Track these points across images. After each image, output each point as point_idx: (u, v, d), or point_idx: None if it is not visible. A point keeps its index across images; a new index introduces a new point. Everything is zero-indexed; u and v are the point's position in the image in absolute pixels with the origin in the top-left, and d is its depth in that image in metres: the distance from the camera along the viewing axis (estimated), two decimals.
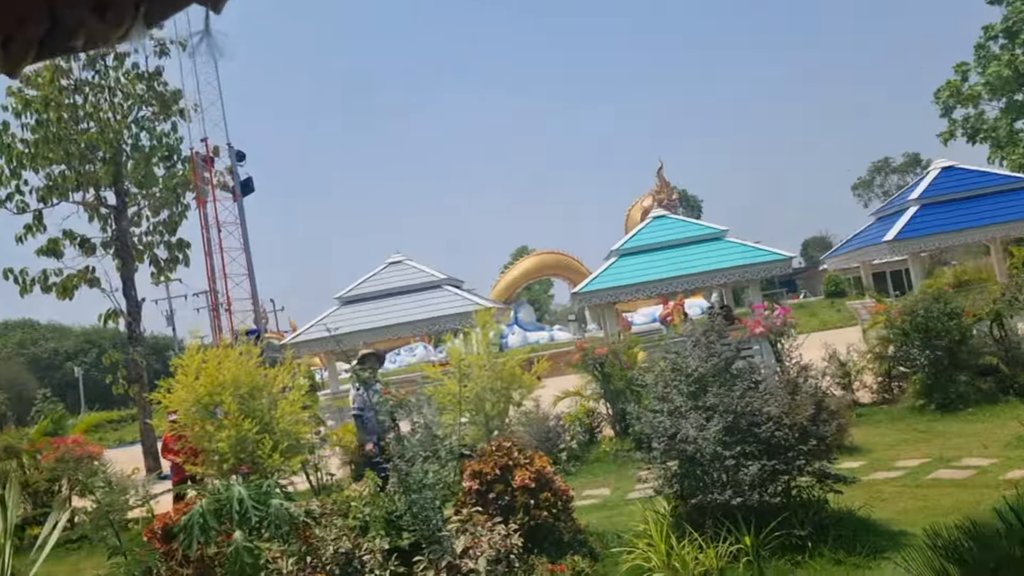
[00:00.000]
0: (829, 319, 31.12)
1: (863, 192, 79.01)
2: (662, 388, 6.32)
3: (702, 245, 13.24)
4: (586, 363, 11.50)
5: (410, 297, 14.15)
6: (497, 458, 6.24)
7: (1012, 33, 31.85)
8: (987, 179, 14.07)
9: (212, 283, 19.74)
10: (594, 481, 9.62)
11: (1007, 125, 33.07)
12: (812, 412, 5.71)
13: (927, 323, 10.65)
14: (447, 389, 6.97)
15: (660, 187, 43.64)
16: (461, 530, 5.78)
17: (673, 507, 6.15)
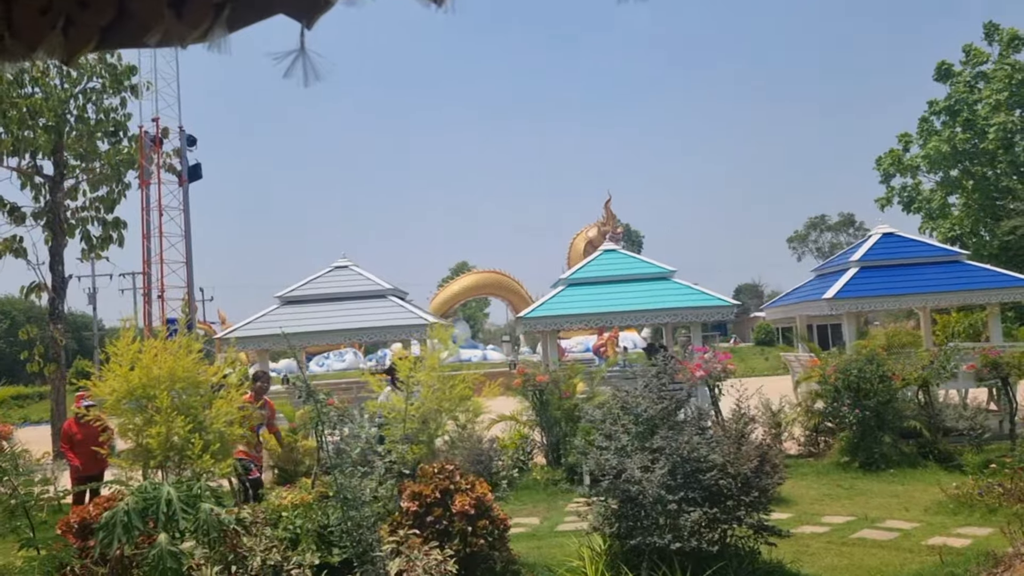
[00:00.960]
0: (757, 366, 31.86)
1: (798, 245, 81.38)
2: (610, 425, 6.32)
3: (650, 283, 13.39)
4: (526, 389, 11.48)
5: (354, 304, 13.92)
6: (438, 481, 6.14)
7: (954, 112, 33.36)
8: (923, 249, 14.62)
9: (147, 267, 19.10)
10: (523, 509, 9.56)
11: (941, 198, 34.54)
12: (756, 464, 5.78)
13: (859, 383, 10.96)
14: (391, 404, 6.84)
15: (606, 219, 44.20)
16: (396, 552, 5.65)
17: (609, 546, 6.13)
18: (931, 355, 12.07)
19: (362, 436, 6.45)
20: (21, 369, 20.77)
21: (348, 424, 6.60)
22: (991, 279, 13.62)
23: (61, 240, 17.39)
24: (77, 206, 18.04)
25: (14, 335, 34.54)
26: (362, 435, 6.44)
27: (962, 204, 34.85)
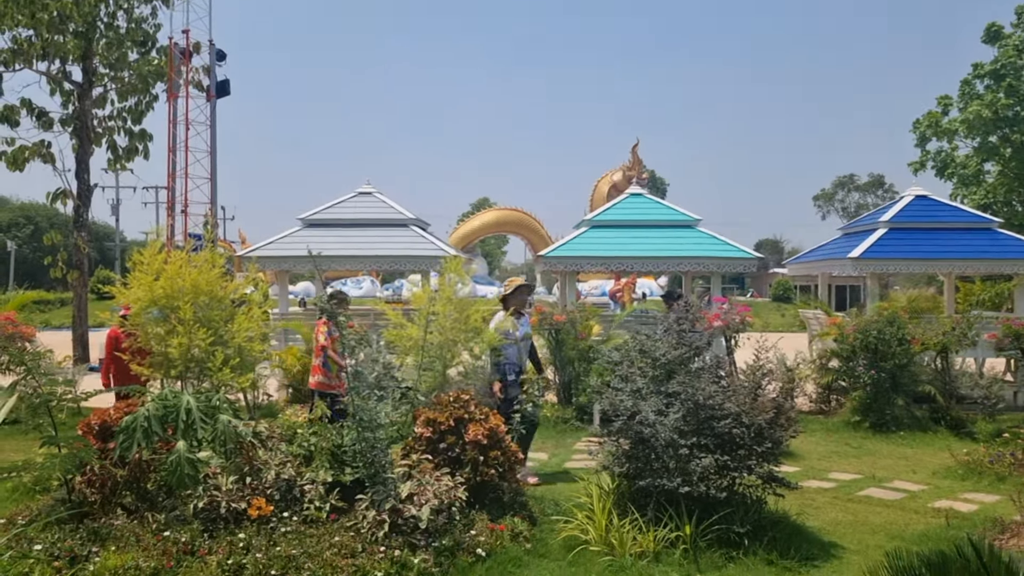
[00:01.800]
0: (772, 321, 31.77)
1: (823, 204, 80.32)
2: (627, 367, 6.32)
3: (674, 230, 13.27)
4: (542, 327, 11.50)
5: (376, 231, 13.91)
6: (453, 409, 6.19)
7: (999, 76, 32.39)
8: (955, 214, 14.35)
9: (171, 181, 19.10)
10: (533, 444, 9.65)
11: (976, 165, 33.80)
12: (772, 416, 5.77)
13: (877, 344, 10.89)
14: (408, 333, 6.87)
15: (633, 163, 43.66)
16: (407, 475, 5.74)
17: (617, 485, 6.19)
18: (953, 321, 11.94)
19: (379, 360, 6.49)
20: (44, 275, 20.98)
21: (366, 348, 6.64)
22: (1022, 249, 13.38)
23: (88, 148, 17.36)
24: (104, 115, 17.95)
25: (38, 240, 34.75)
26: (379, 359, 6.48)
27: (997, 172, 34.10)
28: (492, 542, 5.51)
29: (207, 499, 5.47)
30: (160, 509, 5.61)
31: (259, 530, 5.32)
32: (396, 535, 5.28)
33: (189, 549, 5.14)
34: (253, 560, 4.99)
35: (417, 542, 5.26)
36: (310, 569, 4.96)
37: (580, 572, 5.38)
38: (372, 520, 5.34)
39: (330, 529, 5.38)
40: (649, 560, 5.44)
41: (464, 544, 5.38)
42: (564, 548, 5.70)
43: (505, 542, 5.58)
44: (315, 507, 5.55)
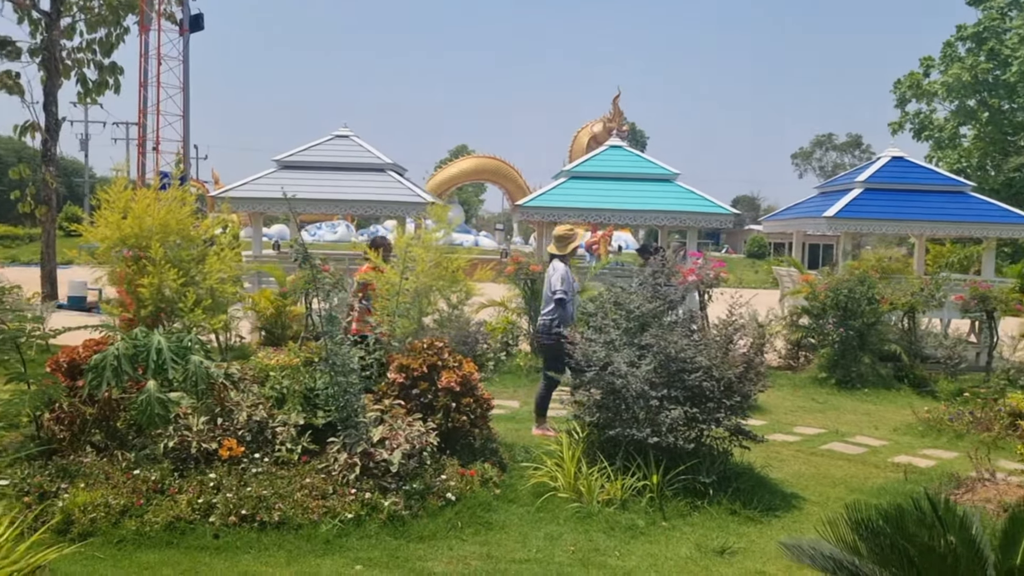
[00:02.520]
0: (746, 277, 32.07)
1: (801, 162, 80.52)
2: (601, 319, 6.36)
3: (653, 184, 13.25)
4: (518, 277, 11.51)
5: (352, 175, 13.73)
6: (427, 356, 6.20)
7: (981, 39, 32.38)
8: (930, 177, 14.47)
9: (142, 118, 18.66)
10: (505, 392, 9.76)
11: (952, 128, 33.98)
12: (742, 370, 5.86)
13: (847, 303, 11.04)
14: (386, 278, 6.83)
15: (613, 115, 43.34)
16: (380, 420, 5.76)
17: (587, 434, 6.27)
18: (922, 282, 12.13)
19: (355, 306, 6.48)
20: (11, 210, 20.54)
21: (340, 292, 6.61)
22: (993, 213, 13.55)
23: (56, 80, 16.88)
24: (74, 46, 17.42)
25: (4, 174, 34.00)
26: (355, 304, 6.47)
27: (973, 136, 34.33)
28: (462, 487, 5.58)
29: (177, 439, 5.47)
30: (130, 448, 5.60)
31: (230, 471, 5.34)
32: (367, 478, 5.33)
33: (159, 488, 5.15)
34: (223, 499, 5.02)
35: (388, 485, 5.32)
36: (280, 509, 5.01)
37: (548, 518, 5.48)
38: (343, 463, 5.38)
39: (301, 471, 5.42)
40: (616, 507, 5.55)
41: (434, 488, 5.45)
42: (533, 494, 5.80)
43: (475, 487, 5.66)
44: (287, 449, 5.58)
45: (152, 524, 4.87)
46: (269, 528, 4.95)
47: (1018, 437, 6.37)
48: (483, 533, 5.21)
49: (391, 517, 5.14)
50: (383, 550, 4.86)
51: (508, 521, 5.40)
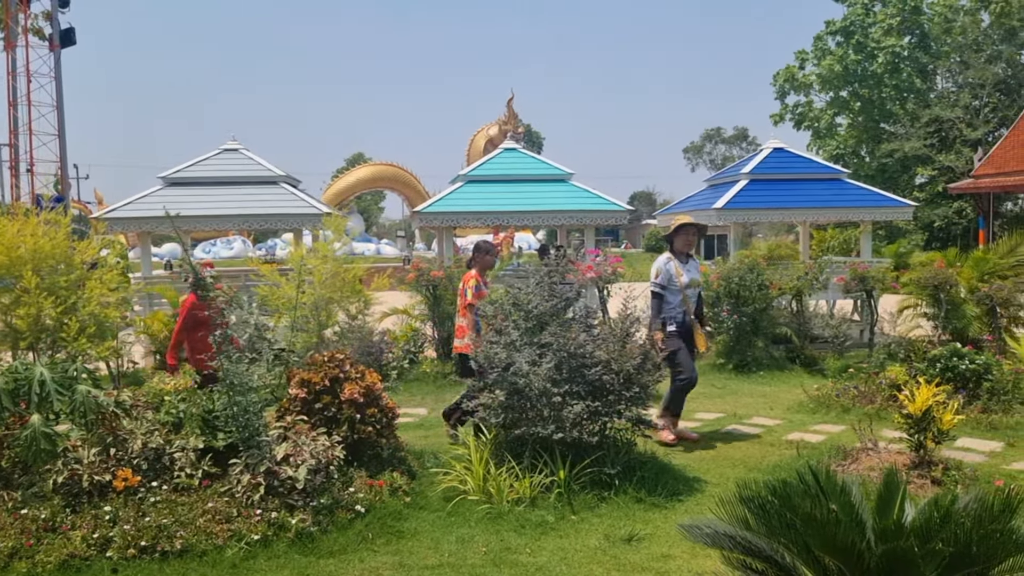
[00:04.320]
0: (645, 271, 32.80)
1: (693, 156, 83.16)
2: (501, 320, 6.43)
3: (548, 184, 13.45)
4: (419, 284, 11.48)
5: (244, 189, 13.39)
6: (328, 369, 6.13)
7: (849, 33, 34.24)
8: (809, 166, 15.20)
9: (14, 138, 17.67)
10: (412, 400, 9.73)
11: (829, 118, 35.80)
12: (639, 361, 6.03)
13: (739, 290, 11.48)
14: (282, 292, 6.71)
15: (508, 117, 43.71)
16: (283, 437, 5.67)
17: (494, 435, 6.33)
18: (807, 267, 12.73)
19: (251, 322, 6.34)
20: None
21: (236, 310, 6.46)
22: (867, 198, 14.35)
23: None
24: None
25: None
26: (251, 321, 6.33)
27: (848, 125, 36.24)
28: (371, 498, 5.55)
29: (68, 473, 5.23)
30: (16, 487, 5.32)
31: (126, 502, 5.14)
32: (273, 497, 5.24)
33: (50, 526, 4.92)
34: (121, 532, 4.84)
35: (295, 502, 5.24)
36: (182, 537, 4.87)
37: (459, 521, 5.51)
38: (247, 484, 5.26)
39: (203, 496, 5.27)
40: (526, 505, 5.63)
41: (343, 502, 5.40)
42: (443, 499, 5.81)
43: (384, 497, 5.63)
44: (186, 474, 5.41)
45: (44, 564, 4.65)
46: (171, 557, 4.79)
47: (897, 407, 6.78)
48: (395, 542, 5.19)
49: (300, 535, 5.07)
50: (292, 569, 4.78)
51: (420, 528, 5.41)
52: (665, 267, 7.37)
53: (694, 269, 7.61)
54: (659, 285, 7.36)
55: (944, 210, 34.13)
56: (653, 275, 7.40)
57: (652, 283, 7.40)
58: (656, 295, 7.30)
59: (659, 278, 7.36)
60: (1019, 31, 34.87)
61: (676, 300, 7.37)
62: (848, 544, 2.85)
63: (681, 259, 7.49)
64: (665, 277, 7.35)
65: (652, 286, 7.39)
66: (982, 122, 33.96)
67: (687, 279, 7.43)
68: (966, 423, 7.25)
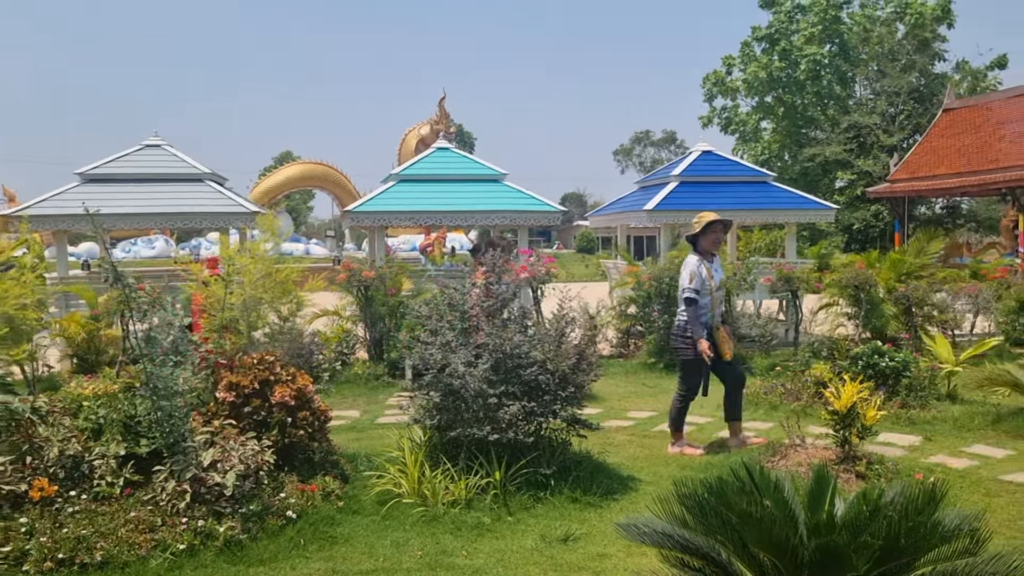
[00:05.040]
0: (577, 272, 33.16)
1: (623, 158, 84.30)
2: (436, 321, 6.37)
3: (481, 184, 13.41)
4: (351, 284, 11.31)
5: (167, 186, 12.97)
6: (258, 371, 5.97)
7: (773, 40, 35.20)
8: (736, 169, 15.56)
9: None
10: (344, 402, 9.57)
11: (755, 122, 36.72)
12: (575, 361, 6.05)
13: (670, 290, 11.65)
14: (210, 292, 6.51)
15: (440, 117, 43.49)
16: (210, 442, 5.49)
17: (429, 437, 6.27)
18: (734, 267, 13.01)
19: (175, 324, 6.12)
20: None
21: (160, 312, 6.24)
22: (792, 201, 14.76)
23: None
24: None
25: None
26: (176, 323, 6.11)
27: (772, 129, 37.25)
28: (303, 503, 5.42)
29: None
30: None
31: (43, 512, 4.90)
32: (199, 504, 5.06)
33: None
34: (37, 545, 4.61)
35: (223, 510, 5.07)
36: (103, 548, 4.66)
37: (394, 525, 5.43)
38: (172, 491, 5.08)
39: (125, 505, 5.07)
40: (461, 507, 5.58)
41: (273, 508, 5.26)
42: (377, 503, 5.72)
43: (317, 502, 5.51)
44: (107, 483, 5.19)
45: None
46: (91, 570, 4.59)
47: (823, 404, 6.98)
48: (328, 548, 5.08)
49: (228, 543, 4.91)
50: None
51: (353, 533, 5.30)
52: (698, 269, 6.88)
53: (720, 269, 7.29)
54: (694, 290, 6.84)
55: (863, 213, 35.40)
56: (686, 280, 6.87)
57: (686, 288, 6.86)
58: (692, 301, 6.82)
59: (693, 282, 6.84)
60: (931, 42, 36.44)
61: (706, 304, 6.96)
62: (783, 540, 2.89)
63: (707, 259, 7.08)
64: (699, 281, 6.87)
65: (687, 292, 6.85)
66: (898, 129, 35.35)
67: (717, 281, 7.09)
68: (887, 418, 7.51)
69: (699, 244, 7.12)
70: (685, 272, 6.94)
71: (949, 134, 24.92)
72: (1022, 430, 7.56)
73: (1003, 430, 7.65)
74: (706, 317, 6.98)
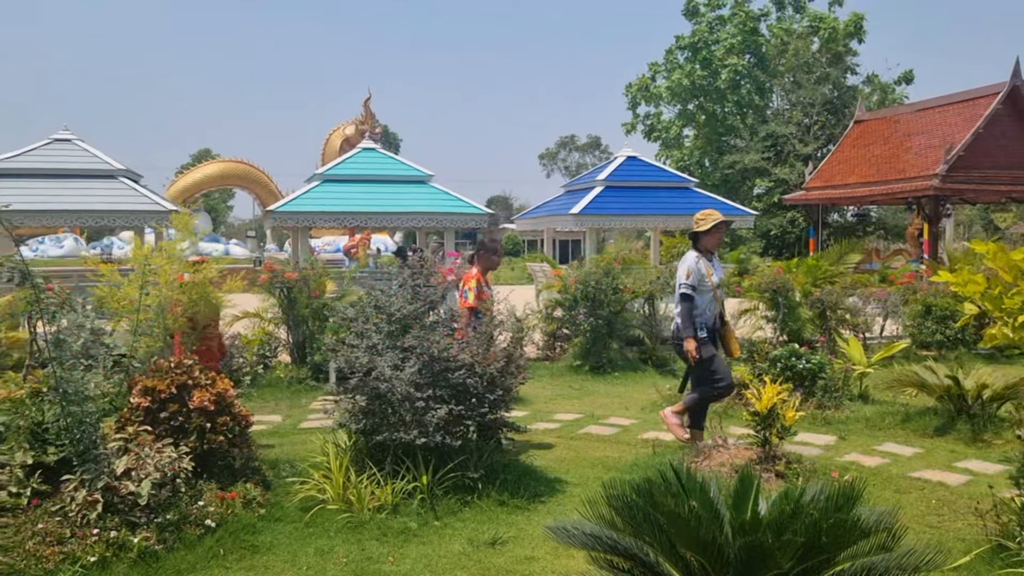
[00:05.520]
0: (503, 275, 33.17)
1: (548, 162, 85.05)
2: (362, 324, 6.27)
3: (408, 186, 13.31)
4: (273, 286, 11.06)
5: (77, 183, 12.45)
6: (175, 375, 5.76)
7: (696, 49, 36.05)
8: (660, 174, 15.89)
9: None
10: (266, 407, 9.34)
11: (677, 129, 37.51)
12: (503, 364, 6.03)
13: (595, 294, 11.78)
14: (123, 293, 6.25)
15: (365, 117, 43.00)
16: (123, 449, 5.27)
17: (354, 442, 6.16)
18: (657, 271, 13.24)
19: (86, 326, 5.86)
20: None
21: (70, 313, 5.96)
22: (712, 206, 15.09)
23: None
24: None
25: None
26: (87, 325, 5.85)
27: (694, 136, 38.12)
28: (223, 511, 5.25)
29: None
30: None
31: None
32: (112, 515, 4.85)
33: None
34: None
35: (137, 520, 4.87)
36: (8, 563, 4.42)
37: (318, 532, 5.31)
38: (82, 501, 4.85)
39: (32, 516, 4.81)
40: (388, 512, 5.50)
41: (191, 517, 5.07)
42: (301, 510, 5.59)
43: (237, 510, 5.35)
44: (10, 493, 4.92)
45: None
46: None
47: (743, 405, 7.15)
48: (248, 557, 4.93)
49: (143, 554, 4.72)
50: None
51: (275, 541, 5.17)
52: (696, 266, 6.76)
53: (720, 268, 7.18)
54: (690, 286, 6.73)
55: (779, 219, 36.56)
56: (683, 276, 6.79)
57: (683, 284, 6.78)
58: (687, 297, 6.72)
59: (691, 278, 6.73)
60: (844, 56, 37.90)
61: (705, 302, 6.83)
62: (710, 539, 2.94)
63: (707, 257, 6.96)
64: (696, 277, 6.74)
65: (683, 288, 6.77)
66: (812, 138, 36.64)
67: (717, 278, 6.95)
68: (804, 419, 7.73)
69: (700, 241, 6.98)
70: (682, 268, 6.82)
71: (860, 144, 25.94)
72: (929, 429, 7.90)
73: (911, 429, 7.98)
74: (707, 315, 6.87)
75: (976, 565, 4.62)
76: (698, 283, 6.77)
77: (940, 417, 8.03)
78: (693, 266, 6.78)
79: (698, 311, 6.80)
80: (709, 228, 6.87)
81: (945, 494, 6.03)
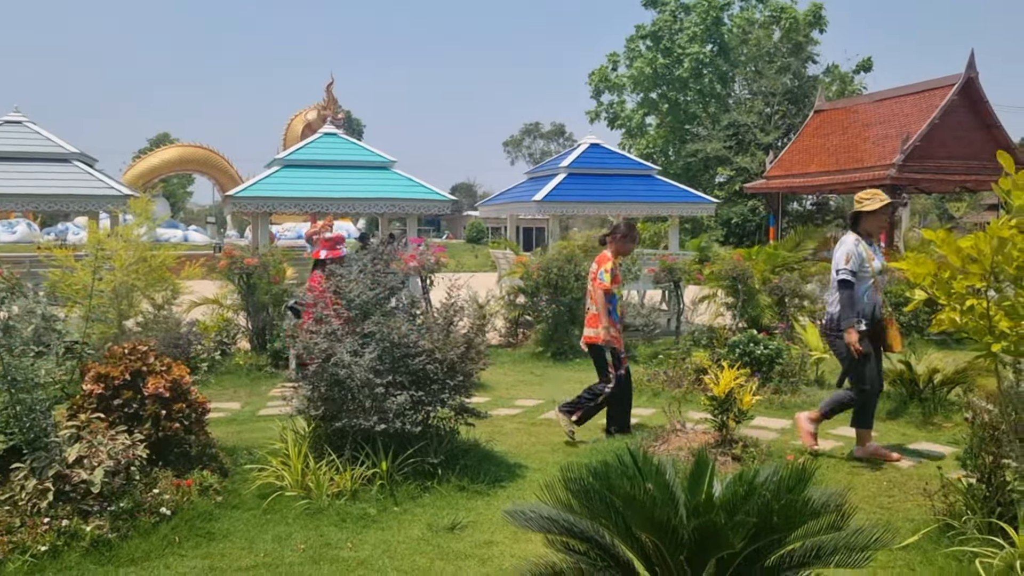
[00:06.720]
0: (467, 262, 33.17)
1: (512, 150, 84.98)
2: (321, 309, 6.21)
3: (369, 171, 13.20)
4: (232, 272, 10.90)
5: (29, 166, 12.13)
6: (129, 362, 5.66)
7: (657, 38, 36.18)
8: (623, 162, 15.95)
9: None
10: (224, 394, 9.22)
11: (640, 118, 37.67)
12: (463, 350, 6.03)
13: (558, 281, 11.82)
14: (76, 279, 6.12)
15: (327, 102, 42.59)
16: (75, 437, 5.17)
17: (313, 428, 6.12)
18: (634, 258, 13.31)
19: (38, 312, 5.74)
20: None
21: (20, 299, 5.84)
22: (676, 194, 15.24)
23: None
24: None
25: None
26: (38, 311, 5.73)
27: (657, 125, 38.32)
28: (179, 499, 5.19)
29: None
30: None
31: None
32: (64, 503, 4.76)
33: None
34: None
35: (90, 508, 4.79)
36: None
37: (276, 519, 5.27)
38: (32, 490, 4.75)
39: None
40: (347, 499, 5.48)
41: (146, 504, 5.00)
42: (259, 497, 5.54)
43: (193, 497, 5.29)
44: None
45: None
46: None
47: (702, 390, 7.25)
48: (205, 545, 4.88)
49: (96, 542, 4.64)
50: None
51: (232, 528, 5.12)
52: (856, 249, 6.14)
53: (880, 252, 6.49)
54: (850, 271, 6.09)
55: (740, 208, 36.97)
56: (842, 260, 6.14)
57: (842, 270, 6.13)
58: (847, 284, 6.09)
59: (850, 263, 6.09)
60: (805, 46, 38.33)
61: (864, 290, 6.21)
62: (664, 521, 2.97)
63: (867, 241, 6.33)
64: (857, 262, 6.11)
65: (842, 273, 6.12)
66: (773, 128, 37.06)
67: (879, 264, 6.30)
68: (761, 403, 7.84)
69: (862, 223, 6.31)
70: (840, 252, 6.19)
71: (820, 134, 26.30)
72: (881, 413, 8.04)
73: None
74: (867, 305, 6.24)
75: (923, 544, 4.73)
76: (859, 268, 6.15)
77: (892, 401, 8.20)
78: (853, 250, 6.16)
79: (862, 296, 6.22)
80: (876, 208, 6.23)
81: (896, 475, 6.17)
